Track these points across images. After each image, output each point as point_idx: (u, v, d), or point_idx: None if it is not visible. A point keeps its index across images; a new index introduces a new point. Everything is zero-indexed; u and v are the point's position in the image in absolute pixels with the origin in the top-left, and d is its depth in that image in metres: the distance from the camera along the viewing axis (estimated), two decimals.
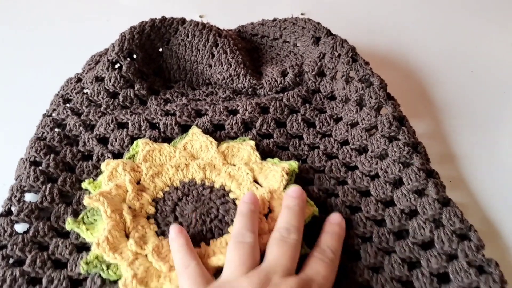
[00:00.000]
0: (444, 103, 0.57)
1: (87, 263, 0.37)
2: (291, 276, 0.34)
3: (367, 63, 0.50)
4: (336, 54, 0.51)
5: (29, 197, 0.43)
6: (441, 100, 0.57)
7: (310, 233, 0.39)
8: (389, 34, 0.69)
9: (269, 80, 0.53)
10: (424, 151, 0.45)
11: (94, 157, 0.46)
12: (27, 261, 0.37)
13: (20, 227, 0.40)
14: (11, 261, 0.38)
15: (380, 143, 0.45)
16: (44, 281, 0.37)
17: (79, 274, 0.37)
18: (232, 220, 0.41)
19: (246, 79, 0.53)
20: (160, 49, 0.56)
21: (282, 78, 0.52)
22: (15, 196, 0.41)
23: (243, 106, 0.48)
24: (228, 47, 0.54)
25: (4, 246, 0.38)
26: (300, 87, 0.52)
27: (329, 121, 0.49)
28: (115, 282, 0.37)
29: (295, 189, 0.40)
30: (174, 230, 0.38)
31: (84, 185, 0.43)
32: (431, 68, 0.62)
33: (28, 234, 0.39)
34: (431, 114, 0.55)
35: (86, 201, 0.39)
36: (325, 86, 0.52)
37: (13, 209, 0.41)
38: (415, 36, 0.69)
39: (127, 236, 0.39)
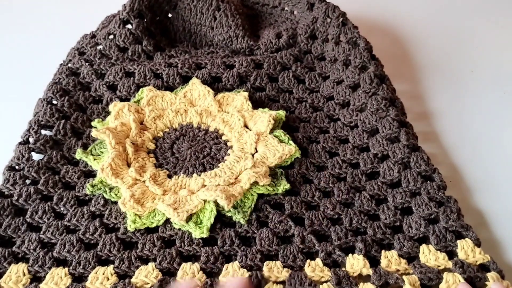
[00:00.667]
0: (426, 68, 0.60)
1: (92, 186, 0.42)
2: None
3: (355, 27, 0.55)
4: (328, 18, 0.55)
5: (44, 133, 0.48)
6: (424, 65, 0.61)
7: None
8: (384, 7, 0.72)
9: (264, 42, 0.57)
10: (402, 106, 0.50)
11: (104, 101, 0.51)
12: (41, 181, 0.43)
13: (36, 156, 0.46)
14: (27, 181, 0.44)
15: (361, 97, 0.50)
16: (54, 198, 0.42)
17: (85, 195, 0.43)
18: (222, 158, 0.46)
19: (244, 40, 0.57)
20: (170, 15, 0.61)
21: (276, 39, 0.57)
22: (33, 129, 0.47)
23: (239, 61, 0.53)
24: (229, 11, 0.59)
25: (22, 169, 0.44)
26: (293, 48, 0.56)
27: (317, 78, 0.54)
28: (115, 203, 0.42)
29: None
30: None
31: (94, 123, 0.48)
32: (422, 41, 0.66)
33: (42, 160, 0.45)
34: (413, 77, 0.59)
35: (93, 132, 0.45)
36: (316, 48, 0.56)
37: (30, 139, 0.46)
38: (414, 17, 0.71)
39: (128, 166, 0.44)
